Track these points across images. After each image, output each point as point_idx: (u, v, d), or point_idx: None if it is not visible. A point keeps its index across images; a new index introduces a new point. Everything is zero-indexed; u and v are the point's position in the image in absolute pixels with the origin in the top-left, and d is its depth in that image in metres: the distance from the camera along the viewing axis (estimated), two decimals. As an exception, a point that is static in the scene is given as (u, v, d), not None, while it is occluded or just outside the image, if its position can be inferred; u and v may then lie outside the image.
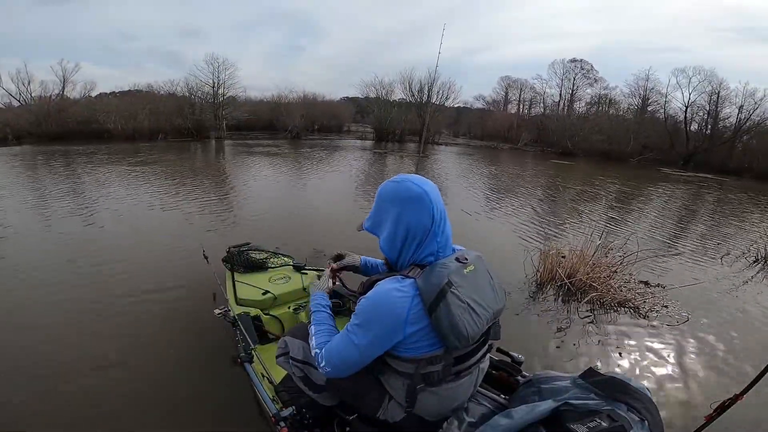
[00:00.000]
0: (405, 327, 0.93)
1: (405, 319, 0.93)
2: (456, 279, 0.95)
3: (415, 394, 1.00)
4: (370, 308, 0.96)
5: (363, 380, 1.10)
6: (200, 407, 1.94)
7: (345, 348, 1.00)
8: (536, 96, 32.18)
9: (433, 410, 1.05)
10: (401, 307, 0.93)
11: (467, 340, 0.94)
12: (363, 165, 12.44)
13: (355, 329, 0.98)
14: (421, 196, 1.00)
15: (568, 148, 22.40)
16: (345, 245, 1.68)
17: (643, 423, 0.82)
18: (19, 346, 2.38)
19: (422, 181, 1.03)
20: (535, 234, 5.45)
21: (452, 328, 0.91)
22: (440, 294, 0.92)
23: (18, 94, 20.01)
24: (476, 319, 0.95)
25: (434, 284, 0.93)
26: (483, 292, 1.01)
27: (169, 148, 14.08)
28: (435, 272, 0.95)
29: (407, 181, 1.02)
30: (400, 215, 1.01)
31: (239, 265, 2.53)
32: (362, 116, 30.77)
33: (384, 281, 0.99)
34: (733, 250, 5.26)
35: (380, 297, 0.96)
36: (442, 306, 0.91)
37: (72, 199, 6.09)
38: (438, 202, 1.02)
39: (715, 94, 22.28)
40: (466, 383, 1.05)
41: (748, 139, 21.28)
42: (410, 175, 1.05)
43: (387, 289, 0.96)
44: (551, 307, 3.24)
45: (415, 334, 0.94)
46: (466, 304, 0.94)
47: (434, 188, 1.04)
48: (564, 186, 10.45)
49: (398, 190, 1.02)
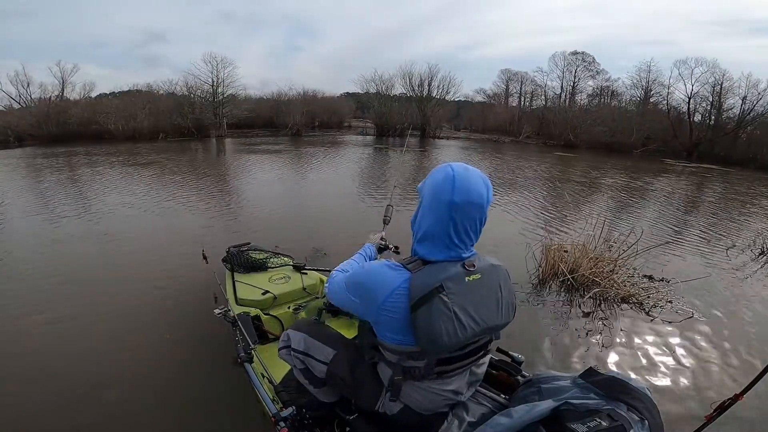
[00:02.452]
0: (379, 308, 0.96)
1: (382, 302, 0.95)
2: (451, 285, 0.92)
3: (398, 385, 1.01)
4: (365, 274, 1.02)
5: (361, 372, 1.12)
6: (200, 407, 1.94)
7: (338, 286, 1.10)
8: (537, 89, 31.98)
9: (423, 405, 1.05)
10: (386, 288, 0.95)
11: (441, 348, 0.92)
12: (363, 161, 12.42)
13: (350, 279, 1.06)
14: (443, 201, 0.93)
15: (570, 141, 22.27)
16: (345, 245, 1.67)
17: (643, 423, 0.82)
18: (17, 349, 2.40)
19: (465, 188, 0.93)
20: (537, 228, 5.42)
21: (429, 333, 0.90)
22: (428, 295, 0.90)
23: (18, 96, 20.12)
24: (460, 330, 0.91)
25: (425, 284, 0.91)
26: (482, 304, 0.96)
27: (169, 148, 14.10)
28: (432, 272, 0.93)
29: (450, 179, 0.94)
30: (423, 197, 1.00)
31: (239, 265, 2.53)
32: (363, 112, 30.68)
33: (383, 262, 1.01)
34: (738, 242, 5.21)
35: (376, 269, 1.00)
36: (425, 308, 0.90)
37: (71, 200, 6.12)
38: (460, 218, 0.93)
39: (718, 85, 22.05)
40: (455, 383, 1.04)
41: (752, 130, 21.06)
42: (463, 177, 0.94)
43: (384, 266, 0.99)
44: (553, 303, 3.22)
45: (390, 319, 0.95)
46: (452, 312, 0.90)
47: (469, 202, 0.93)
48: (566, 179, 10.39)
49: (436, 178, 0.97)
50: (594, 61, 29.26)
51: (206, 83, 20.70)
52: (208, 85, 20.77)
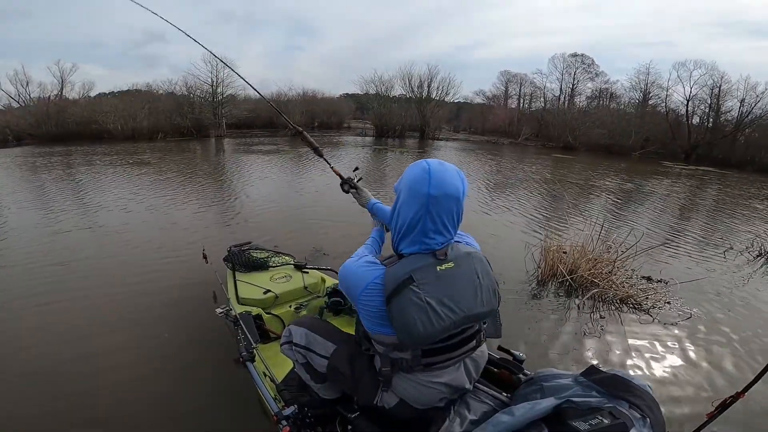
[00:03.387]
0: (358, 304, 1.01)
1: (357, 298, 1.00)
2: (421, 275, 0.94)
3: (388, 376, 1.04)
4: (342, 274, 1.08)
5: (360, 365, 1.14)
6: (202, 406, 1.95)
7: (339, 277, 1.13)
8: (536, 90, 32.04)
9: (416, 398, 1.06)
10: (358, 286, 1.00)
11: (419, 339, 0.94)
12: (363, 162, 12.41)
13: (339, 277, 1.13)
14: (420, 194, 0.96)
15: (569, 143, 22.31)
16: (345, 245, 1.67)
17: (644, 420, 0.82)
18: (18, 346, 2.40)
19: (441, 181, 0.95)
20: (535, 229, 5.43)
21: (403, 324, 0.93)
22: (398, 287, 0.93)
23: (17, 95, 20.08)
24: (435, 320, 0.93)
25: (396, 277, 0.95)
26: (457, 293, 0.97)
27: (168, 148, 14.08)
28: (403, 265, 0.97)
29: (426, 173, 0.96)
30: (400, 193, 1.03)
31: (240, 264, 2.54)
32: (362, 112, 30.66)
33: (362, 260, 1.06)
34: (736, 245, 5.23)
35: (348, 271, 1.05)
36: (396, 300, 0.93)
37: (70, 200, 6.11)
38: (437, 211, 0.95)
39: (716, 88, 22.12)
40: (446, 376, 1.04)
41: (750, 132, 21.13)
42: (439, 171, 0.97)
43: (355, 269, 1.04)
44: (553, 303, 3.23)
45: (368, 308, 0.99)
46: (425, 302, 0.92)
47: (445, 194, 0.95)
48: (565, 180, 10.41)
49: (412, 173, 1.00)
50: (593, 63, 29.38)
51: (206, 83, 20.69)
52: (208, 85, 20.75)
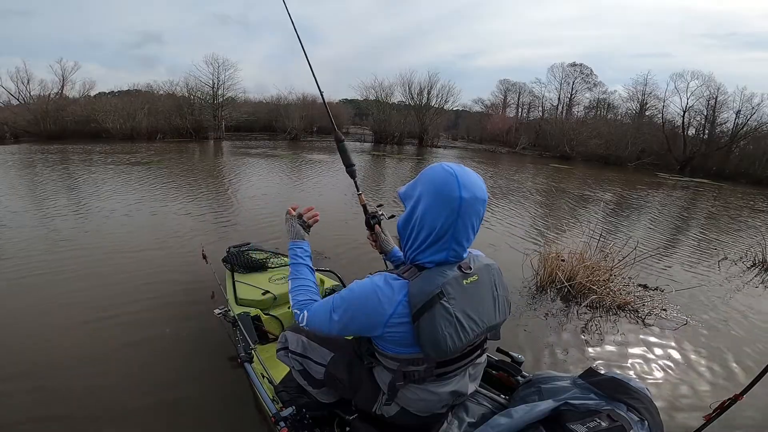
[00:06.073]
0: (384, 327, 0.94)
1: (385, 322, 0.93)
2: (450, 290, 0.91)
3: (395, 389, 1.01)
4: (356, 300, 0.96)
5: (359, 374, 1.12)
6: (200, 407, 1.93)
7: (324, 320, 1.02)
8: (535, 100, 32.39)
9: (420, 406, 1.05)
10: (385, 308, 0.92)
11: (446, 354, 0.92)
12: (361, 167, 12.44)
13: (338, 309, 0.99)
14: (451, 198, 0.90)
15: (566, 152, 22.49)
16: (345, 246, 1.68)
17: (642, 423, 0.82)
18: (19, 346, 2.37)
19: (470, 184, 0.92)
20: (534, 237, 5.46)
21: (432, 341, 0.89)
22: (428, 303, 0.89)
23: (17, 92, 20.02)
24: (462, 334, 0.92)
25: (425, 292, 0.90)
26: (480, 305, 0.97)
27: (167, 149, 14.05)
28: (430, 279, 0.92)
29: (453, 176, 0.91)
30: (420, 199, 0.94)
31: (239, 265, 2.53)
32: (361, 118, 30.77)
33: (377, 275, 0.98)
34: (730, 255, 5.29)
35: (368, 292, 0.95)
36: (427, 316, 0.89)
37: (68, 200, 6.06)
38: (468, 214, 0.92)
39: (712, 99, 22.43)
40: (453, 384, 1.04)
41: (745, 144, 21.38)
42: (464, 173, 0.93)
43: (377, 286, 0.94)
44: (551, 309, 3.24)
45: (395, 335, 0.94)
46: (454, 317, 0.90)
47: (475, 197, 0.92)
48: (562, 190, 10.49)
49: (435, 177, 0.93)
50: (592, 73, 29.78)
51: (207, 85, 20.76)
52: (209, 87, 20.81)
